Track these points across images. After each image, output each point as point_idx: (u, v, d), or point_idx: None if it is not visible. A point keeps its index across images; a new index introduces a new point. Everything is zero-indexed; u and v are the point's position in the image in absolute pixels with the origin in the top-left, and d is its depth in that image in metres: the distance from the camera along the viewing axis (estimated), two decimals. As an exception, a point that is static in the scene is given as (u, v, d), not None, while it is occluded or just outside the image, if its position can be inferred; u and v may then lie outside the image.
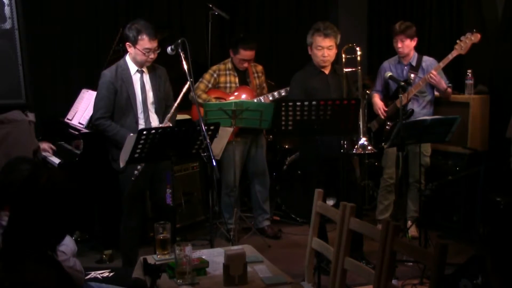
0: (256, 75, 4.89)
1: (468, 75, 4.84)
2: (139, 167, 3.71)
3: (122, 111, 3.84)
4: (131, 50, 3.81)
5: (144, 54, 3.76)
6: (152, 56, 3.79)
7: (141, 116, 3.85)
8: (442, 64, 4.45)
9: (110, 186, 4.43)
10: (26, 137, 3.72)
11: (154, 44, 3.77)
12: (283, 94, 4.70)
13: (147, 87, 3.88)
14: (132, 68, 3.86)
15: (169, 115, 3.88)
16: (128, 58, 3.87)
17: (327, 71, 4.10)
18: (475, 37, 4.31)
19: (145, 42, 3.74)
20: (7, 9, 3.60)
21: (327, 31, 3.98)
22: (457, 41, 4.36)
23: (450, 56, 4.38)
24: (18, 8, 3.63)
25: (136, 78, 3.85)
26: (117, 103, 3.82)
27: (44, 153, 4.40)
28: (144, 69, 3.88)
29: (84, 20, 5.37)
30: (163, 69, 3.99)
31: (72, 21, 5.31)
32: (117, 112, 3.85)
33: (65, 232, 2.16)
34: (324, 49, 3.99)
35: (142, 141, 3.25)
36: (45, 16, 5.20)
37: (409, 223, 4.67)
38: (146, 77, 3.89)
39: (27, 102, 3.75)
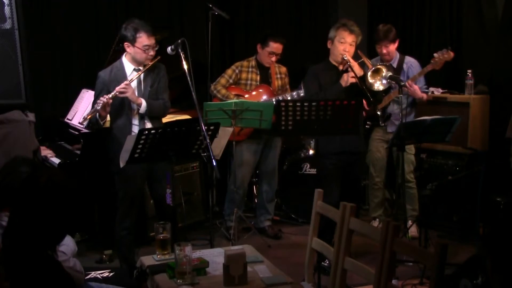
0: (279, 76, 4.90)
1: (468, 75, 4.84)
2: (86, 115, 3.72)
3: (116, 111, 3.83)
4: (130, 49, 3.80)
5: (144, 51, 3.76)
6: (151, 53, 3.79)
7: (135, 116, 3.85)
8: (418, 75, 4.48)
9: (110, 186, 4.42)
10: (26, 137, 3.72)
11: (152, 41, 3.77)
12: (302, 94, 4.62)
13: (143, 85, 3.87)
14: (128, 68, 3.85)
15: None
16: (124, 59, 3.86)
17: (341, 68, 4.11)
18: (448, 55, 4.31)
19: (144, 39, 3.75)
20: (7, 9, 3.61)
21: (353, 28, 4.04)
22: (434, 54, 4.35)
23: (426, 70, 4.43)
24: (18, 8, 3.64)
25: (132, 77, 3.84)
26: (112, 104, 3.81)
27: (45, 154, 4.41)
28: (141, 68, 3.87)
29: (84, 20, 5.36)
30: (161, 65, 3.97)
31: (72, 21, 5.30)
32: (112, 112, 3.84)
33: (65, 232, 2.16)
34: (347, 43, 4.01)
35: (142, 141, 3.25)
36: (45, 16, 5.19)
37: (410, 222, 4.67)
38: (143, 78, 3.88)
39: (27, 102, 3.75)
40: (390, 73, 4.17)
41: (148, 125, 3.84)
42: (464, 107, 4.78)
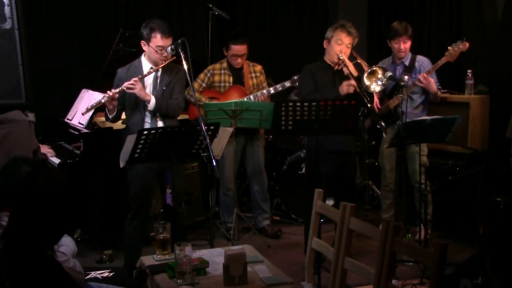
0: (253, 74, 4.90)
1: (468, 75, 4.84)
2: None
3: (131, 108, 3.87)
4: (145, 48, 3.84)
5: (157, 52, 3.77)
6: (165, 54, 3.79)
7: (148, 114, 3.86)
8: (432, 69, 4.45)
9: (110, 186, 4.43)
10: (26, 137, 3.71)
11: (167, 42, 3.78)
12: (279, 88, 4.70)
13: (159, 84, 3.88)
14: (146, 66, 3.87)
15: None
16: (143, 58, 3.91)
17: (336, 68, 4.12)
18: (463, 46, 4.30)
19: (158, 40, 3.76)
20: (7, 9, 3.59)
21: (351, 30, 4.06)
22: (448, 47, 4.35)
23: (440, 63, 4.39)
24: (18, 8, 3.62)
25: (148, 77, 3.86)
26: (127, 101, 3.86)
27: (45, 153, 4.40)
28: (160, 69, 3.87)
29: (84, 20, 5.37)
30: (180, 66, 3.96)
31: (72, 21, 5.31)
32: (127, 108, 3.90)
33: (62, 231, 2.16)
34: (343, 45, 4.02)
35: (142, 141, 3.25)
36: (45, 16, 5.20)
37: (423, 228, 4.45)
38: (160, 77, 3.89)
39: (27, 102, 3.74)
40: (390, 73, 4.18)
41: (160, 123, 3.86)
42: (464, 107, 4.77)
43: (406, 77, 4.56)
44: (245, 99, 4.69)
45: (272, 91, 4.73)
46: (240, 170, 5.08)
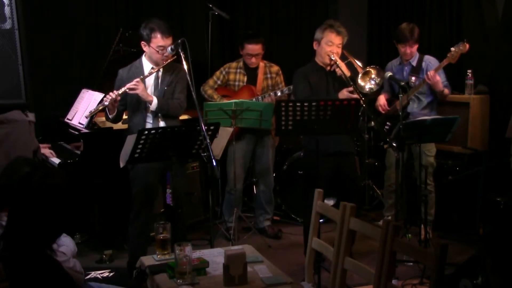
0: (269, 75, 4.90)
1: (468, 75, 4.84)
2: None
3: (133, 108, 3.88)
4: (146, 49, 3.84)
5: (158, 52, 3.77)
6: (166, 53, 3.79)
7: (149, 114, 3.86)
8: (436, 69, 4.44)
9: (110, 186, 4.42)
10: (26, 137, 3.71)
11: (167, 42, 3.78)
12: (285, 92, 4.73)
13: (160, 84, 3.88)
14: (147, 67, 3.87)
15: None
16: (144, 58, 3.91)
17: (328, 69, 4.11)
18: (464, 47, 4.28)
19: (158, 40, 3.76)
20: (7, 9, 3.59)
21: (340, 29, 4.04)
22: (451, 48, 4.33)
23: (442, 64, 4.39)
24: (18, 8, 3.63)
25: (150, 77, 3.86)
26: (129, 101, 3.86)
27: (45, 154, 4.41)
28: (161, 69, 3.87)
29: (84, 20, 5.36)
30: (181, 66, 3.96)
31: (72, 21, 5.31)
32: (129, 109, 3.91)
33: (59, 231, 2.16)
34: (334, 45, 4.01)
35: (142, 141, 3.25)
36: (45, 16, 5.20)
37: (423, 228, 4.44)
38: (161, 77, 3.89)
39: (27, 102, 3.74)
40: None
41: (162, 124, 3.86)
42: (464, 107, 4.78)
43: (413, 78, 4.56)
44: (254, 100, 4.69)
45: (279, 93, 4.73)
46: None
